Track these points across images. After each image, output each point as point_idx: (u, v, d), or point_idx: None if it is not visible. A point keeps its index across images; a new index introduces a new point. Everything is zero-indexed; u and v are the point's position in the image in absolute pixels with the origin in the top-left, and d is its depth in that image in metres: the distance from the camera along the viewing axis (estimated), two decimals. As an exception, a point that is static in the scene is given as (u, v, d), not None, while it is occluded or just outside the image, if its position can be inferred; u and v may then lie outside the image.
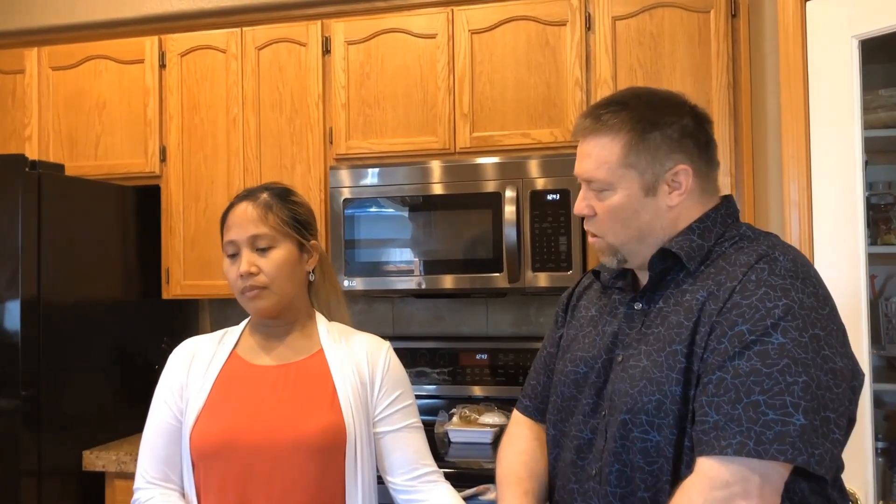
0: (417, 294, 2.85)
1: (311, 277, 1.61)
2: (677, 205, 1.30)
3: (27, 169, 2.37)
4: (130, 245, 2.86)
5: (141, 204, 2.92)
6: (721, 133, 2.43)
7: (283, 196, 1.58)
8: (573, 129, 1.38)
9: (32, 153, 2.99)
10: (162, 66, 2.91)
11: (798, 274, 1.19)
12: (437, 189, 2.60)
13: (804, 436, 1.08)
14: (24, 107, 3.03)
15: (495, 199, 2.54)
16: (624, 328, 1.34)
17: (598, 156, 1.31)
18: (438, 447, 2.59)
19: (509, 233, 2.49)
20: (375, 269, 2.65)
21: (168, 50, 2.91)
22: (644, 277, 1.36)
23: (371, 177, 2.66)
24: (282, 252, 1.53)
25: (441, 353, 2.91)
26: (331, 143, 2.76)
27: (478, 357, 2.87)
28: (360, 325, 3.02)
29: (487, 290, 2.58)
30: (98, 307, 2.68)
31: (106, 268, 2.75)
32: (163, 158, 2.91)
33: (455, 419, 2.65)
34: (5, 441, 2.32)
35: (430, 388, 2.91)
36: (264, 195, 1.56)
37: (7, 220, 2.34)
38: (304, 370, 1.53)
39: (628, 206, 1.30)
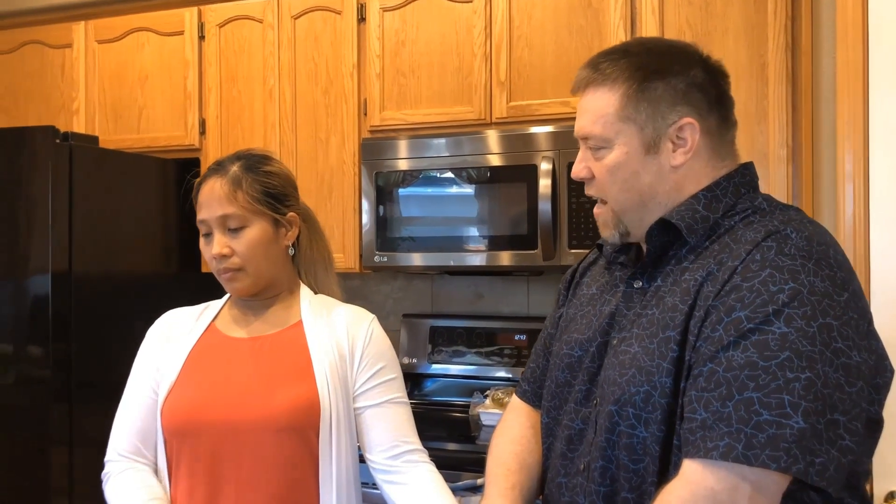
0: (449, 271, 2.75)
1: (291, 251, 1.53)
2: (682, 165, 1.15)
3: (58, 140, 2.37)
4: (170, 217, 2.86)
5: (181, 176, 2.91)
6: (777, 100, 2.22)
7: (254, 167, 1.47)
8: (573, 82, 1.23)
9: (80, 126, 3.03)
10: (201, 37, 2.88)
11: (811, 254, 1.02)
12: (471, 162, 2.49)
13: (802, 441, 0.93)
14: (72, 80, 3.06)
15: (530, 172, 2.40)
16: (622, 308, 1.20)
17: (594, 109, 1.17)
18: (472, 429, 2.49)
19: (544, 207, 2.35)
20: (407, 244, 2.56)
21: (207, 21, 2.87)
22: None
23: (404, 149, 2.56)
24: (254, 231, 1.44)
25: (478, 333, 2.80)
26: (365, 114, 2.67)
27: (516, 338, 2.75)
28: (399, 303, 3.01)
29: (521, 267, 2.45)
30: (134, 279, 2.69)
31: (144, 240, 2.75)
32: (202, 131, 2.89)
33: (487, 401, 2.54)
34: (36, 412, 2.35)
35: (466, 369, 2.81)
36: (234, 168, 1.45)
37: (38, 192, 2.35)
38: (280, 343, 1.46)
39: (627, 164, 1.15)
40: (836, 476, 0.95)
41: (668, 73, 1.14)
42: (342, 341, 1.47)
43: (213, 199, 1.44)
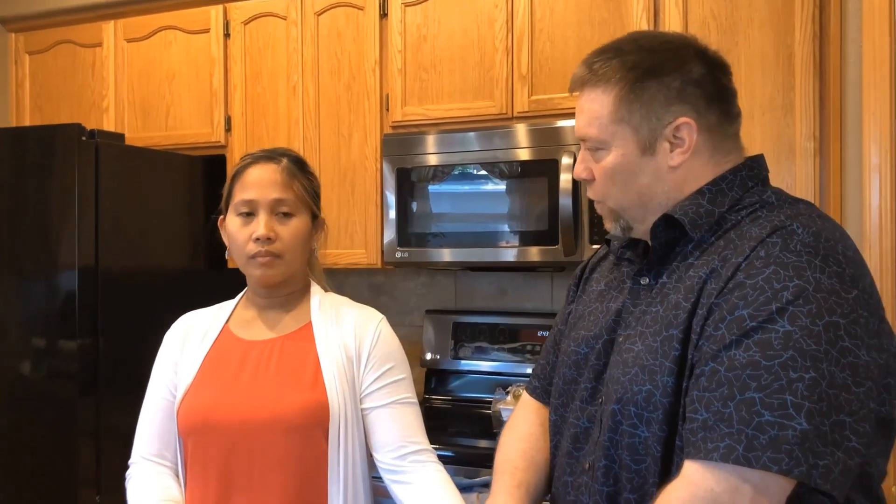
0: (471, 267, 2.74)
1: (314, 252, 1.56)
2: (681, 165, 1.12)
3: (84, 138, 2.41)
4: (197, 214, 2.89)
5: (208, 173, 2.94)
6: (804, 91, 2.17)
7: (301, 165, 1.53)
8: (570, 81, 1.21)
9: (109, 124, 3.08)
10: (226, 35, 2.91)
11: (818, 250, 0.99)
12: (493, 157, 2.47)
13: (805, 443, 0.90)
14: (102, 79, 3.11)
15: (552, 167, 2.38)
16: (628, 305, 1.18)
17: (590, 111, 1.15)
18: (494, 426, 2.48)
19: (565, 203, 2.32)
20: (428, 240, 2.56)
21: (232, 18, 2.90)
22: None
23: (426, 145, 2.56)
24: (300, 222, 1.48)
25: (501, 329, 2.78)
26: (387, 109, 2.67)
27: (539, 334, 2.73)
28: (423, 299, 3.01)
29: (542, 263, 2.43)
30: (162, 275, 2.72)
31: (171, 236, 2.79)
32: (228, 128, 2.91)
33: (509, 398, 2.52)
34: (64, 405, 2.39)
35: (489, 365, 2.80)
36: (285, 160, 1.49)
37: (65, 189, 2.39)
38: (290, 345, 1.47)
39: (624, 166, 1.13)
40: (842, 479, 0.92)
41: (661, 72, 1.11)
42: (349, 342, 1.47)
43: (269, 182, 1.45)
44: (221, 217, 1.53)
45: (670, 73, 1.11)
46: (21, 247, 2.45)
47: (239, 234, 1.46)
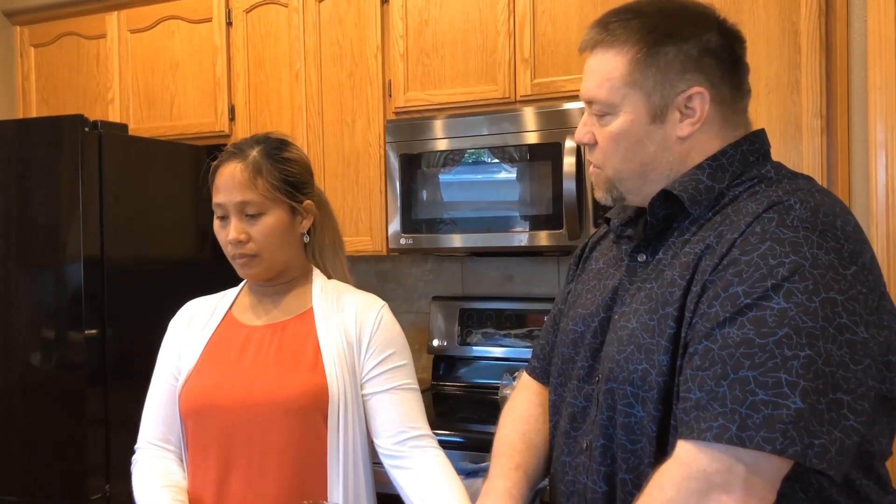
0: (476, 252, 2.72)
1: (306, 239, 1.54)
2: (689, 136, 1.10)
3: (87, 129, 2.41)
4: (203, 203, 2.88)
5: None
6: (810, 68, 2.13)
7: (274, 153, 1.46)
8: (582, 40, 1.18)
9: (115, 115, 3.08)
10: (228, 23, 2.90)
11: (816, 225, 0.97)
12: (496, 141, 2.45)
13: (800, 422, 0.88)
14: (107, 70, 3.12)
15: (555, 150, 2.36)
16: (625, 282, 1.16)
17: (601, 72, 1.11)
18: (501, 411, 2.47)
19: (569, 186, 2.30)
20: (431, 226, 2.55)
21: (234, 7, 2.89)
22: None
23: (429, 130, 2.54)
24: (271, 219, 1.44)
25: (507, 315, 2.77)
26: (389, 95, 2.66)
27: (546, 319, 2.70)
28: (429, 285, 2.99)
29: (547, 247, 2.41)
30: (168, 265, 2.73)
31: (176, 226, 2.79)
32: (231, 117, 2.91)
33: (516, 383, 2.51)
34: (73, 394, 2.41)
35: (496, 351, 2.79)
36: (254, 153, 1.45)
37: (69, 180, 2.39)
38: (291, 330, 1.47)
39: (631, 133, 1.10)
40: (840, 458, 0.90)
41: (680, 38, 1.08)
42: (350, 328, 1.47)
43: (231, 184, 1.42)
44: None
45: (689, 40, 1.08)
46: (27, 239, 2.46)
47: (219, 235, 1.47)
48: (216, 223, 1.48)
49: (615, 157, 1.14)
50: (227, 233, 1.44)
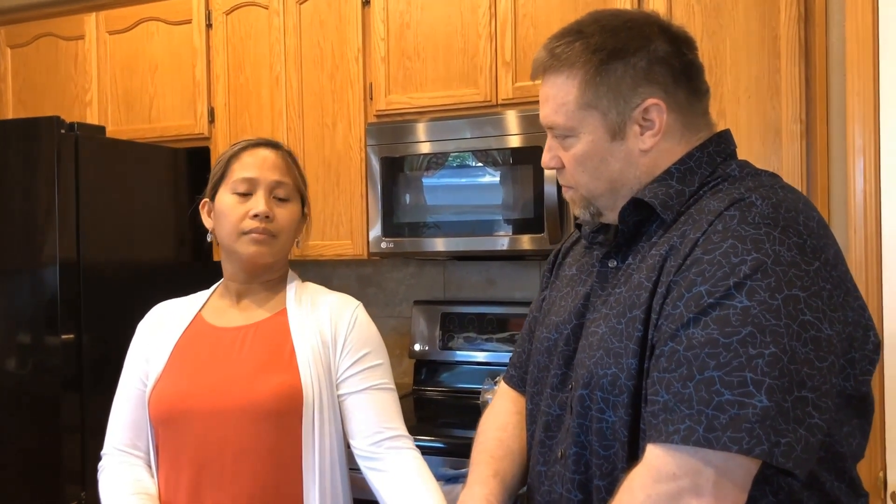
0: (456, 256, 2.71)
1: (298, 245, 1.55)
2: (652, 147, 1.09)
3: (63, 131, 2.38)
4: (181, 206, 2.86)
5: (191, 166, 2.92)
6: (790, 74, 2.14)
7: (293, 158, 1.53)
8: (532, 66, 1.18)
9: (93, 117, 3.05)
10: (208, 25, 2.87)
11: (777, 222, 0.96)
12: (477, 145, 2.44)
13: (766, 421, 0.87)
14: (85, 72, 3.08)
15: (536, 154, 2.34)
16: (596, 288, 1.16)
17: (555, 97, 1.12)
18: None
19: (550, 190, 2.30)
20: (412, 229, 2.53)
21: (214, 9, 2.86)
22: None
23: (410, 134, 2.53)
24: (294, 209, 1.49)
25: (489, 319, 2.76)
26: (371, 98, 2.64)
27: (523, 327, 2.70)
28: (411, 289, 2.98)
29: (528, 252, 2.41)
30: (146, 268, 2.70)
31: (155, 229, 2.76)
32: (211, 119, 2.89)
33: (497, 388, 2.50)
34: (48, 400, 2.37)
35: (477, 355, 2.78)
36: (283, 150, 1.51)
37: (44, 183, 2.36)
38: (264, 331, 1.44)
39: (594, 153, 1.10)
40: (805, 457, 0.90)
41: (626, 52, 1.08)
42: (325, 328, 1.45)
43: (267, 165, 1.46)
44: (205, 200, 1.51)
45: (636, 53, 1.07)
46: (2, 242, 2.43)
47: (233, 211, 1.43)
48: (232, 199, 1.44)
49: (584, 178, 1.14)
50: (249, 207, 1.43)
